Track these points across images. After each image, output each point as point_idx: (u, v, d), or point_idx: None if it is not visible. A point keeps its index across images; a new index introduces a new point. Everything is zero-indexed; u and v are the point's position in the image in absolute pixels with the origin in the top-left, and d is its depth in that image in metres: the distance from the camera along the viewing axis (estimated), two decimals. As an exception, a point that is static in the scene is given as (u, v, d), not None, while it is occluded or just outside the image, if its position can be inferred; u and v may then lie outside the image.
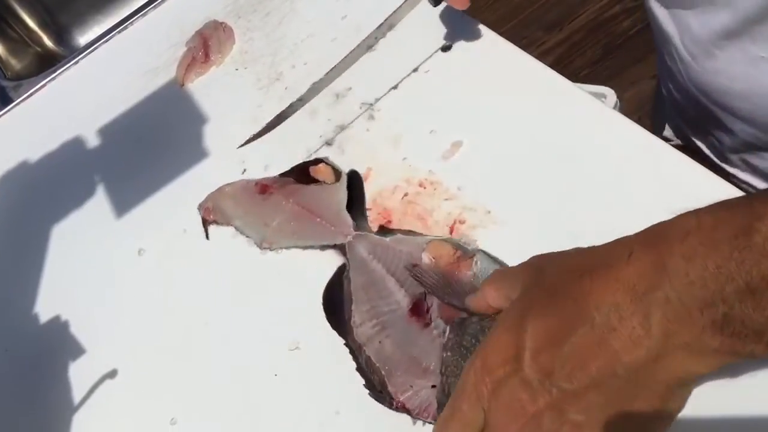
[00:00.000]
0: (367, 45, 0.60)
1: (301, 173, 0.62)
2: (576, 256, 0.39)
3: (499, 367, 0.37)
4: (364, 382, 0.49)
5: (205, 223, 0.64)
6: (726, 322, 0.31)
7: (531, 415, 0.36)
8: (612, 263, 0.35)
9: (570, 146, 0.54)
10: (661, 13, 0.63)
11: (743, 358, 0.33)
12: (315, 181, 0.61)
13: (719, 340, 0.32)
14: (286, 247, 0.59)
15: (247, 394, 0.54)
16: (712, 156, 0.72)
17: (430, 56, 0.64)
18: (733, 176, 0.69)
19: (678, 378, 0.34)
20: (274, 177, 0.63)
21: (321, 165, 0.61)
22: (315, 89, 0.61)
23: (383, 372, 0.48)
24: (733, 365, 0.34)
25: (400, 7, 0.58)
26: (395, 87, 0.64)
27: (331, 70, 0.60)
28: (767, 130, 0.61)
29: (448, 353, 0.45)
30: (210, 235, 0.64)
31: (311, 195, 0.60)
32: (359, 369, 0.50)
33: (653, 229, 0.35)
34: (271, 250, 0.60)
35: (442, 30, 0.65)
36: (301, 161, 0.63)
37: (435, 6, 0.57)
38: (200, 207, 0.65)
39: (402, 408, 0.46)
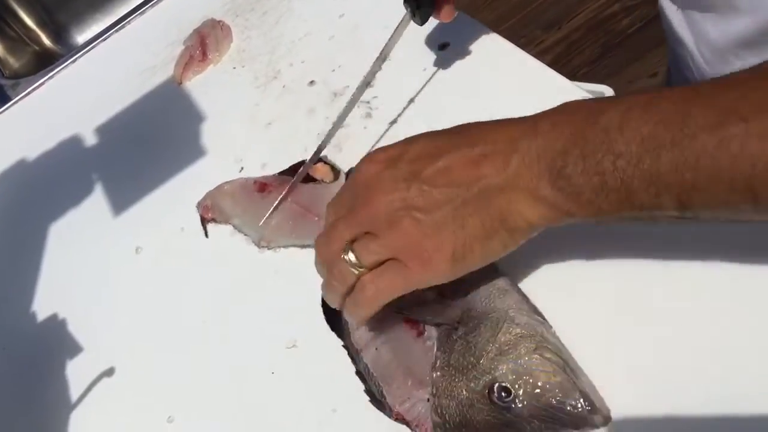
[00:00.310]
0: (366, 82, 0.60)
1: (300, 171, 0.62)
2: None
3: (380, 163, 0.45)
4: (364, 387, 0.49)
5: (204, 221, 0.64)
6: (558, 177, 0.38)
7: (383, 200, 0.43)
8: (500, 122, 0.43)
9: (568, 144, 0.54)
10: (675, 16, 0.63)
11: (564, 215, 0.39)
12: (314, 179, 0.61)
13: (549, 191, 0.39)
14: (284, 246, 0.59)
15: (244, 392, 0.54)
16: None
17: (428, 55, 0.64)
18: None
19: (512, 215, 0.41)
20: (273, 175, 0.63)
21: (319, 164, 0.61)
22: (327, 139, 0.61)
23: (381, 383, 0.47)
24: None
25: (390, 38, 0.57)
26: (393, 85, 0.64)
27: (338, 118, 0.60)
28: None
29: (438, 373, 0.45)
30: (208, 234, 0.64)
31: (309, 194, 0.59)
32: (358, 373, 0.49)
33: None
34: (269, 248, 0.60)
35: (441, 28, 0.65)
36: (298, 159, 0.63)
37: (421, 25, 0.56)
38: (199, 205, 0.65)
39: (401, 419, 0.46)
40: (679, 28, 0.63)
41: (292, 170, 0.62)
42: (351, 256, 0.44)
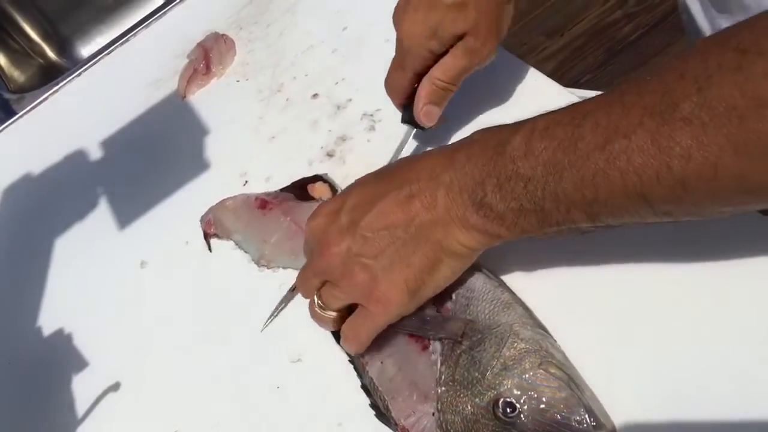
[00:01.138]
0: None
1: (301, 189, 0.62)
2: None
3: (323, 217, 0.49)
4: (369, 401, 0.49)
5: (207, 236, 0.64)
6: (481, 206, 0.41)
7: (333, 252, 0.46)
8: (421, 158, 0.47)
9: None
10: (697, 13, 0.64)
11: (494, 238, 0.42)
12: (312, 198, 0.61)
13: (476, 219, 0.42)
14: (283, 267, 0.59)
15: (249, 407, 0.54)
16: None
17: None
18: None
19: (451, 243, 0.44)
20: (275, 192, 0.63)
21: (318, 183, 0.61)
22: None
23: (386, 397, 0.48)
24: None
25: (396, 151, 0.59)
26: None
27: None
28: None
29: (442, 388, 0.45)
30: (212, 248, 0.64)
31: (307, 213, 0.59)
32: (363, 387, 0.50)
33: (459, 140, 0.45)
34: (268, 268, 0.60)
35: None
36: (302, 174, 0.63)
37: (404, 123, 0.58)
38: (202, 220, 0.65)
39: None
40: (700, 24, 0.64)
41: (294, 187, 0.63)
42: (319, 302, 0.49)
